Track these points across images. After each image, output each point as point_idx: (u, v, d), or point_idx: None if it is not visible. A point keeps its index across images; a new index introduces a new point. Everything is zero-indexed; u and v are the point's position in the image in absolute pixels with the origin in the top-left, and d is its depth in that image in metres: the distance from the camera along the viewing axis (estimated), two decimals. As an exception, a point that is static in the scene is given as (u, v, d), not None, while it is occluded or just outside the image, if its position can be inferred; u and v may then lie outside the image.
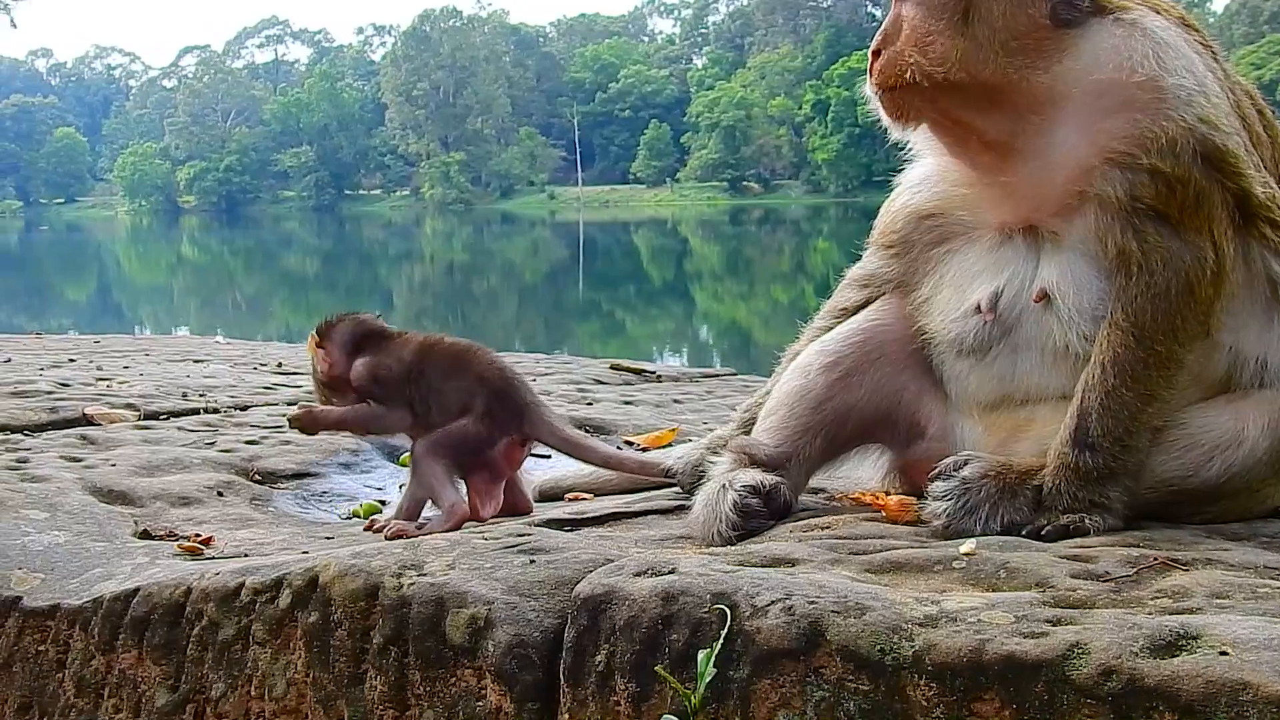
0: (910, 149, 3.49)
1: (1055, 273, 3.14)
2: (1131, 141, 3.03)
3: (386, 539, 3.55)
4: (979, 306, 3.22)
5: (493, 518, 3.87)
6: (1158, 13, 3.19)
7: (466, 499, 3.83)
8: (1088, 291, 3.09)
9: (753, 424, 3.68)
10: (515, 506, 3.94)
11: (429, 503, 3.85)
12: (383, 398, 3.91)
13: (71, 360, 7.82)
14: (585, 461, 4.12)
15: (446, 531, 3.56)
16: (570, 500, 4.15)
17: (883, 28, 3.24)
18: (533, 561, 2.93)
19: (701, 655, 2.45)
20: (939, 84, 3.14)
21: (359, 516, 4.27)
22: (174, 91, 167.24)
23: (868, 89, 3.28)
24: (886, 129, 3.33)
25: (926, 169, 3.46)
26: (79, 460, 4.55)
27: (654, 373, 7.30)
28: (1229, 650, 2.11)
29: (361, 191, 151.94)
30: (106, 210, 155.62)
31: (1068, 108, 3.11)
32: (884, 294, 3.58)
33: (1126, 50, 3.07)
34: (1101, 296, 3.08)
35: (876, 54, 3.23)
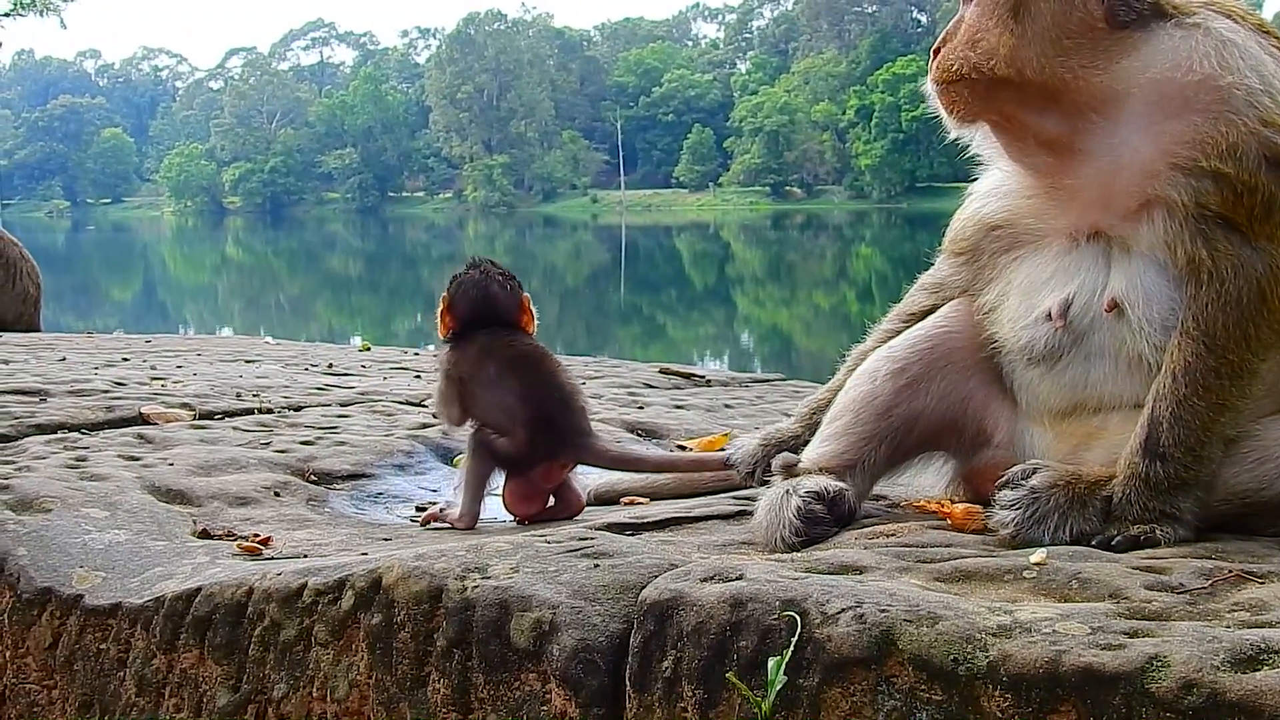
0: (980, 158, 3.47)
1: (1125, 282, 3.10)
2: (1192, 145, 2.99)
3: (422, 524, 3.90)
4: (1049, 314, 3.18)
5: (538, 519, 3.91)
6: (1229, 17, 3.15)
7: (479, 513, 3.90)
8: (1158, 301, 3.05)
9: (815, 420, 3.68)
10: (568, 506, 3.97)
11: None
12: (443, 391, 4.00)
13: (125, 359, 7.86)
14: (642, 471, 4.14)
15: (450, 529, 3.84)
16: (626, 504, 4.13)
17: (946, 29, 3.26)
18: (597, 565, 2.92)
19: (772, 663, 2.42)
20: (988, 78, 3.14)
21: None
22: (220, 93, 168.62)
23: (927, 86, 3.29)
24: (941, 129, 3.34)
25: (995, 179, 3.44)
26: (137, 459, 4.57)
27: (703, 377, 7.28)
28: (1312, 666, 2.08)
29: (405, 194, 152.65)
30: (152, 210, 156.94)
31: (1128, 108, 3.08)
32: (953, 300, 3.55)
33: (1186, 50, 3.04)
34: (1173, 306, 3.03)
35: (937, 52, 3.25)
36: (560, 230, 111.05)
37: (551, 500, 3.96)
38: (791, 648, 2.43)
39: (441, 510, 3.94)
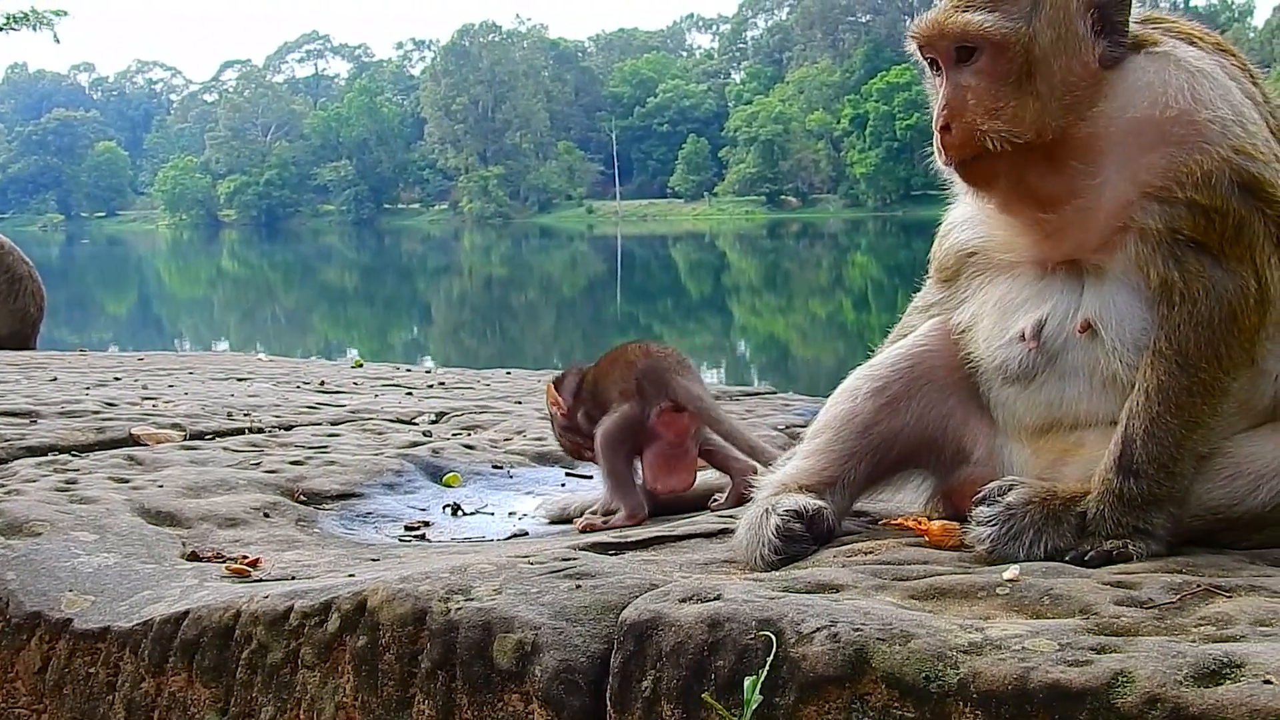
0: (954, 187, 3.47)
1: (1098, 304, 3.14)
2: (1168, 176, 3.03)
3: (580, 531, 4.04)
4: (1023, 334, 3.23)
5: (666, 491, 4.23)
6: (1191, 42, 3.19)
7: (643, 502, 4.19)
8: (1131, 322, 3.09)
9: None
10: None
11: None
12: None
13: (117, 379, 7.89)
14: (716, 433, 4.30)
15: (626, 525, 4.05)
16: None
17: (945, 102, 3.17)
18: (579, 586, 2.95)
19: (748, 682, 2.46)
20: (1018, 147, 3.10)
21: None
22: (215, 105, 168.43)
23: (939, 162, 3.24)
24: (933, 156, 3.30)
25: (969, 208, 3.45)
26: (126, 481, 4.60)
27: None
28: (1273, 679, 2.12)
29: (400, 205, 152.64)
30: (147, 224, 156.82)
31: (1107, 148, 3.10)
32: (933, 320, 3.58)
33: (1160, 85, 3.08)
34: (1145, 327, 3.08)
35: (946, 129, 3.17)
36: (556, 241, 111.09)
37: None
38: (767, 667, 2.48)
39: (604, 520, 4.15)
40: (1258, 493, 3.05)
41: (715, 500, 4.27)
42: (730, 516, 3.76)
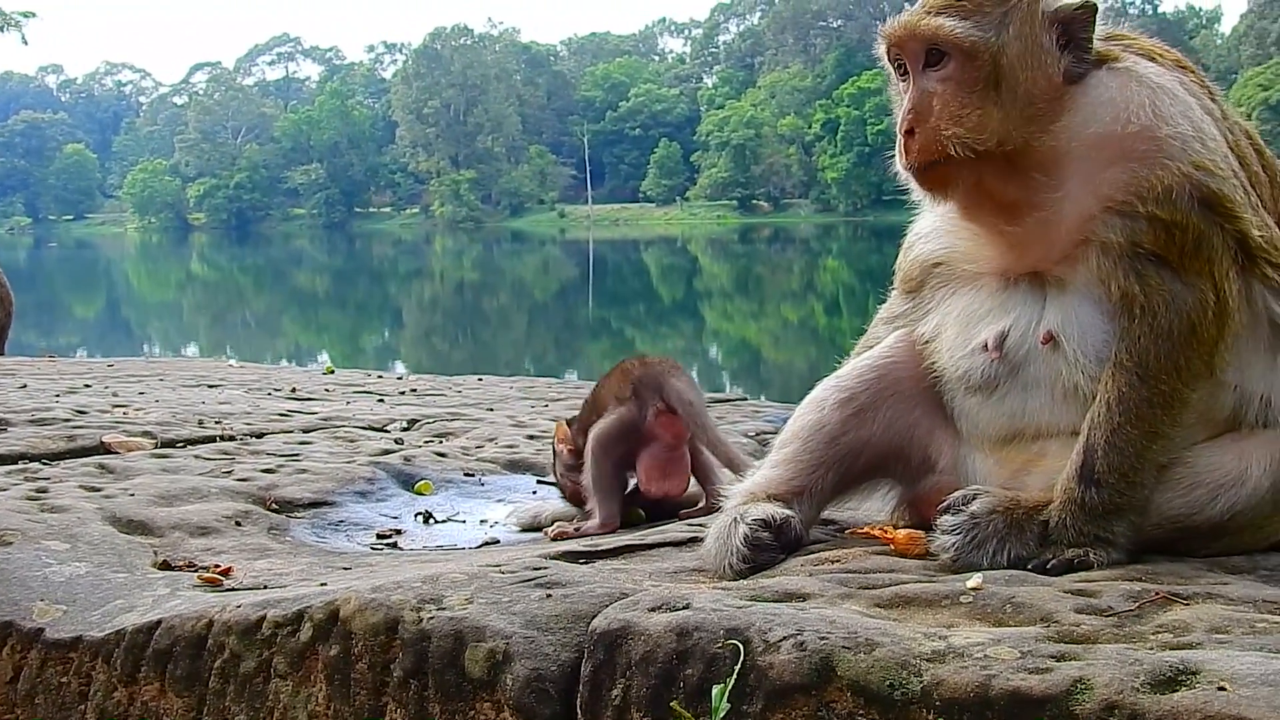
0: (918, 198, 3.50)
1: (1060, 316, 3.19)
2: (1130, 190, 3.08)
3: (551, 539, 4.09)
4: (985, 345, 3.27)
5: (660, 495, 4.30)
6: (1151, 58, 3.25)
7: (618, 513, 4.26)
8: (1093, 334, 3.14)
9: None
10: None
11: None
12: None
13: (87, 386, 7.89)
14: (701, 441, 4.34)
15: (597, 534, 4.09)
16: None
17: (910, 106, 3.21)
18: (549, 595, 2.99)
19: (715, 690, 2.50)
20: (979, 154, 3.15)
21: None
22: (184, 108, 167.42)
23: (900, 166, 3.27)
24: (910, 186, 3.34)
25: (933, 219, 3.50)
26: (98, 490, 4.61)
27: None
28: (1227, 686, 2.16)
29: (372, 209, 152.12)
30: (116, 227, 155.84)
31: (1070, 162, 3.16)
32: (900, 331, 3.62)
33: (1123, 101, 3.13)
34: (1107, 338, 3.13)
35: (910, 133, 3.21)
36: (528, 245, 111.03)
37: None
38: (735, 675, 2.51)
39: (576, 528, 4.21)
40: (1216, 502, 3.11)
41: (704, 505, 4.33)
42: (700, 525, 3.80)
